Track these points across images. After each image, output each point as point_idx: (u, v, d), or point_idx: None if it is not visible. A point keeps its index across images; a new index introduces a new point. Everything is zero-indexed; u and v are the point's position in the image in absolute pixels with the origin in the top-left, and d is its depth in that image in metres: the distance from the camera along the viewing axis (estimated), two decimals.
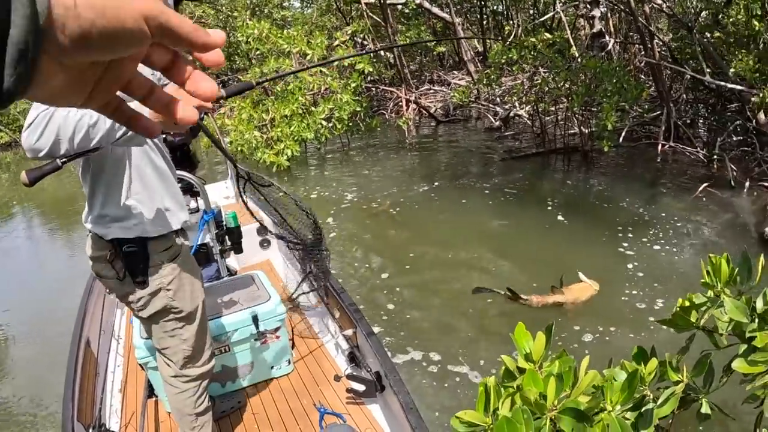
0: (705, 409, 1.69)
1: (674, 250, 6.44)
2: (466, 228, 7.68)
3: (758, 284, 1.63)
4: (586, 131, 9.71)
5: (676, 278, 5.86)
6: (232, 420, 3.39)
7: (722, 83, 8.45)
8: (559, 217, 7.62)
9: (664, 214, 7.34)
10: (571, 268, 5.95)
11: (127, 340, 4.24)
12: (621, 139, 9.36)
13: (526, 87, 10.82)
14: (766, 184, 7.49)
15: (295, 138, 9.94)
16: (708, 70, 8.71)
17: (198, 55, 0.54)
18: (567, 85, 8.86)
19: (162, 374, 2.75)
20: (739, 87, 8.13)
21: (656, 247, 6.51)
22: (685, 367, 1.55)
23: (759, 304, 1.55)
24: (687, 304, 1.64)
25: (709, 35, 8.87)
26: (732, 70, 7.84)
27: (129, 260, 2.35)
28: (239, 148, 9.81)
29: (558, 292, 5.53)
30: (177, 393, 2.71)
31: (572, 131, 10.24)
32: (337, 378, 3.54)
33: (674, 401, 1.31)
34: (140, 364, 3.26)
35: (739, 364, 1.38)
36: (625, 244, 6.64)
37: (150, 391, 3.46)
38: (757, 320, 1.53)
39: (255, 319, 3.45)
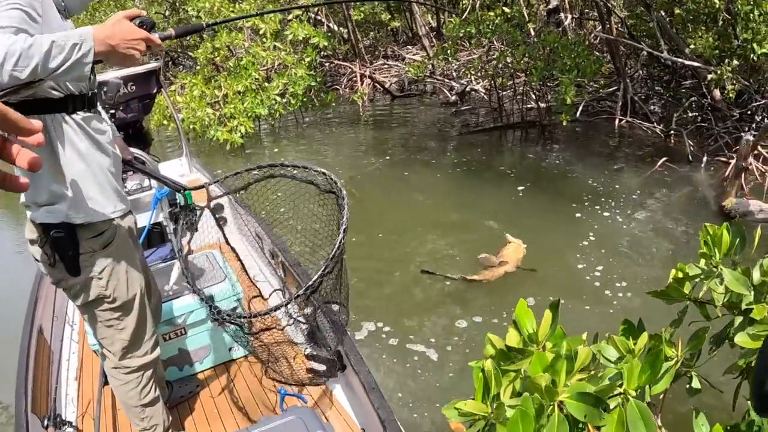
0: (695, 383, 1.63)
1: (635, 222, 6.51)
2: (423, 202, 7.62)
3: (753, 255, 1.57)
4: (544, 106, 9.71)
5: (636, 251, 5.93)
6: (191, 404, 3.26)
7: (679, 60, 8.52)
8: (518, 190, 7.63)
9: (624, 187, 7.42)
10: (531, 239, 6.02)
11: (81, 325, 4.05)
12: (578, 114, 9.40)
13: (483, 61, 10.75)
14: (723, 158, 7.61)
15: (249, 114, 9.69)
16: (665, 47, 8.77)
17: (22, 138, 0.73)
18: (525, 59, 8.82)
19: (104, 365, 2.63)
20: (696, 64, 8.20)
21: (617, 220, 6.58)
22: (680, 342, 1.48)
23: (755, 276, 1.48)
24: (680, 275, 1.56)
25: (663, 13, 8.91)
26: (691, 46, 7.91)
27: (57, 246, 2.21)
28: (191, 126, 9.52)
29: (503, 262, 5.69)
30: (120, 385, 2.59)
31: (529, 106, 10.23)
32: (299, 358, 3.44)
33: (669, 378, 1.24)
34: (94, 351, 3.11)
35: (741, 339, 1.31)
36: (585, 218, 6.68)
37: (106, 378, 3.31)
38: (753, 292, 1.47)
39: (211, 300, 3.31)
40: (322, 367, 3.27)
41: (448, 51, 9.76)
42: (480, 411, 1.21)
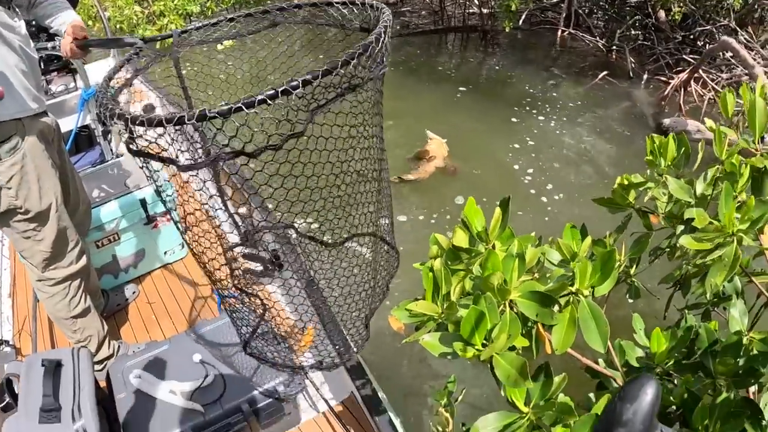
0: (636, 287, 1.69)
1: (572, 131, 6.62)
2: None
3: (696, 170, 1.59)
4: (486, 11, 9.54)
5: (571, 159, 6.05)
6: (129, 312, 3.21)
7: None
8: (457, 91, 7.63)
9: (562, 97, 7.48)
10: (468, 141, 6.15)
11: (11, 240, 3.92)
12: (521, 22, 9.29)
13: None
14: (663, 78, 7.70)
15: (180, 12, 9.22)
16: None
17: None
18: None
19: (29, 278, 2.55)
20: None
21: (552, 128, 6.66)
22: (624, 246, 1.51)
23: (699, 187, 1.50)
24: (626, 182, 1.57)
25: None
26: None
27: None
28: (118, 26, 9.00)
29: (431, 157, 5.82)
30: (47, 298, 2.52)
31: (471, 10, 10.04)
32: (234, 259, 3.39)
33: (613, 280, 1.25)
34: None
35: (686, 241, 1.33)
36: (523, 123, 6.75)
37: None
38: (696, 201, 1.49)
39: (143, 203, 3.21)
40: (259, 267, 3.22)
41: None
42: (431, 311, 1.21)
